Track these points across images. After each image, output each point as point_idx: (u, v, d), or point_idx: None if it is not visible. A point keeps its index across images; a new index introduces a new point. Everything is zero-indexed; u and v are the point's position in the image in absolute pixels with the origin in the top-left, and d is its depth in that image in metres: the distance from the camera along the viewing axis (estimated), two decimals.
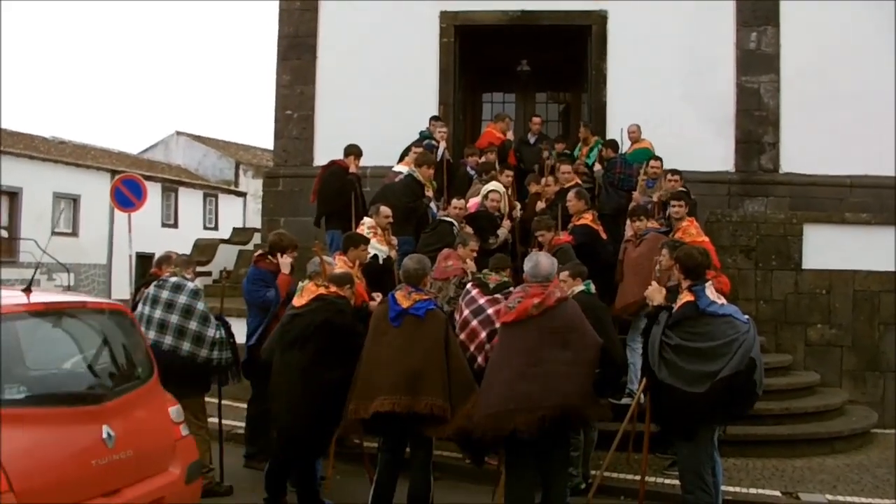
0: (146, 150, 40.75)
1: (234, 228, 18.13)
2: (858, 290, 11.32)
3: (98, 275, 31.91)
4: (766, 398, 8.12)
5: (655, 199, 10.48)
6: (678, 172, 10.57)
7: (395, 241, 9.02)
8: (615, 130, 12.74)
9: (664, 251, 7.50)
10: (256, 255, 8.33)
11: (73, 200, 31.33)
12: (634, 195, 10.77)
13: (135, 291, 8.38)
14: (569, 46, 14.84)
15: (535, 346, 5.68)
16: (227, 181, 39.87)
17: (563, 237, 9.08)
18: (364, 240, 8.28)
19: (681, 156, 11.56)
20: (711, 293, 6.01)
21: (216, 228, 36.06)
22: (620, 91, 13.74)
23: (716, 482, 6.12)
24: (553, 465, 5.85)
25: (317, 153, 14.17)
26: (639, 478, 7.08)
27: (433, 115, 12.69)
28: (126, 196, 14.71)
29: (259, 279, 8.00)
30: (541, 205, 10.68)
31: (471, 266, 8.24)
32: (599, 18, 14.00)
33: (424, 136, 11.86)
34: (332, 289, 6.70)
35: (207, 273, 14.25)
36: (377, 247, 8.61)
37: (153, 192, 29.35)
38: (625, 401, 8.27)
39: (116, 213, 26.80)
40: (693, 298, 5.93)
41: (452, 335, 6.41)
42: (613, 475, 7.80)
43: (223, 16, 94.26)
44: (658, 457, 8.15)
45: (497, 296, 7.09)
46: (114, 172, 29.97)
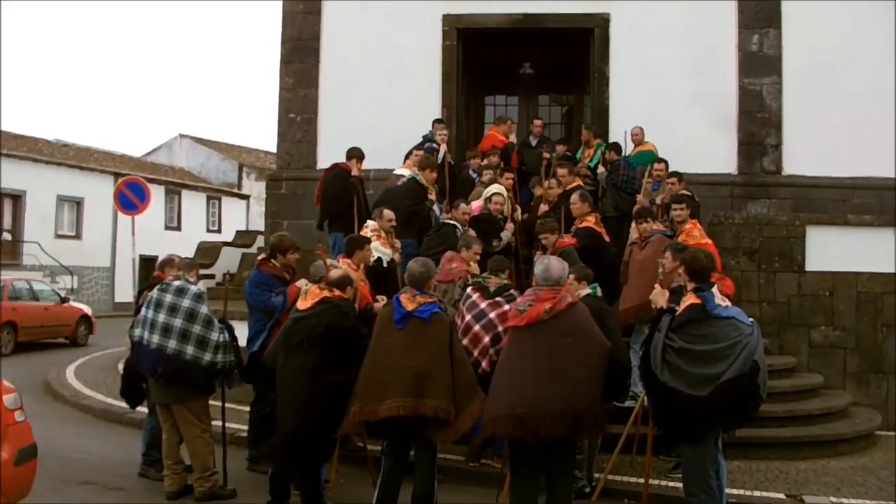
0: (149, 153, 40.86)
1: (237, 231, 18.18)
2: (862, 292, 11.30)
3: (101, 277, 31.98)
4: (770, 400, 8.10)
5: (659, 202, 10.48)
6: (677, 175, 10.58)
7: (399, 244, 9.02)
8: (618, 133, 12.75)
9: (667, 254, 7.50)
10: (259, 259, 8.31)
11: (77, 203, 31.41)
12: (639, 198, 10.78)
13: (138, 294, 8.38)
14: (571, 49, 14.86)
15: (546, 350, 5.67)
16: (231, 184, 39.94)
17: (567, 240, 9.07)
18: (366, 240, 8.29)
19: (683, 158, 11.57)
20: (717, 295, 6.01)
21: (219, 231, 36.14)
22: (623, 93, 13.77)
23: (719, 485, 6.10)
24: (558, 468, 5.84)
25: (320, 156, 14.21)
26: (642, 480, 7.08)
27: (436, 118, 12.71)
28: (129, 199, 14.75)
29: (262, 283, 7.98)
30: (543, 207, 10.69)
31: (475, 268, 8.24)
32: (602, 21, 14.02)
33: (427, 139, 11.88)
34: (336, 292, 6.71)
35: (211, 276, 14.27)
36: (380, 250, 8.62)
37: (156, 195, 29.38)
38: (628, 403, 8.26)
39: (120, 216, 26.92)
40: (698, 301, 5.92)
41: (457, 338, 6.42)
42: (617, 478, 7.78)
43: (226, 19, 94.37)
44: (662, 459, 8.15)
45: (498, 299, 7.10)
46: (117, 175, 30.08)
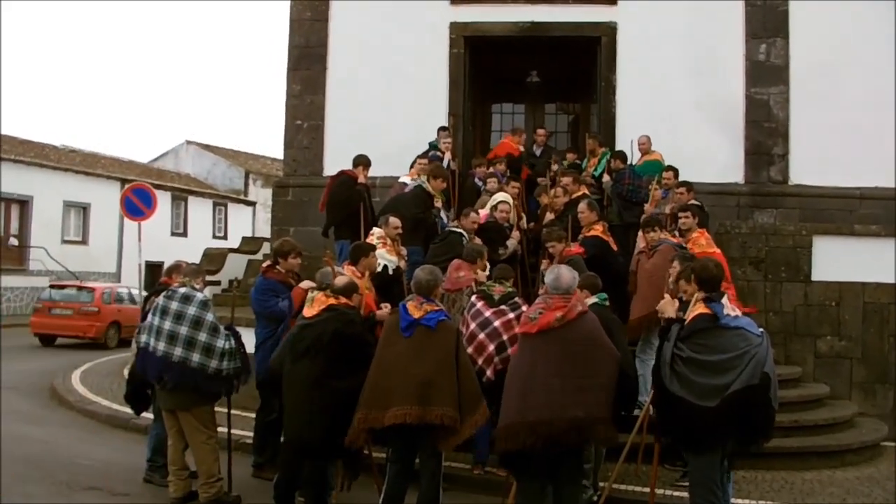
0: (156, 159, 40.98)
1: (244, 237, 18.16)
2: (868, 302, 11.28)
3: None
4: (776, 410, 8.09)
5: (667, 211, 10.47)
6: (687, 184, 10.58)
7: (405, 252, 9.03)
8: (624, 141, 12.76)
9: (675, 262, 7.49)
10: (265, 266, 8.32)
11: (83, 209, 31.48)
12: (646, 207, 10.77)
13: (144, 300, 8.40)
14: (578, 58, 14.87)
15: (557, 358, 5.68)
16: (237, 190, 40.02)
17: (574, 248, 9.07)
18: (371, 248, 8.30)
19: (690, 167, 11.57)
20: (727, 305, 5.99)
21: (225, 237, 36.19)
22: (629, 102, 13.78)
23: (725, 495, 6.09)
24: (566, 476, 5.83)
25: (326, 163, 14.23)
26: (647, 490, 7.07)
27: (441, 126, 12.72)
28: (136, 205, 14.76)
29: (269, 289, 7.99)
30: (549, 216, 10.69)
31: (482, 276, 8.24)
32: (609, 30, 14.03)
33: (433, 147, 11.89)
34: (342, 299, 6.71)
35: (217, 282, 14.28)
36: (386, 257, 8.62)
37: (163, 201, 29.43)
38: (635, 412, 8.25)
39: (126, 222, 26.91)
40: (707, 311, 5.91)
41: (463, 346, 6.41)
42: (622, 487, 7.78)
43: (234, 26, 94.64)
44: (667, 468, 8.13)
45: (503, 307, 7.10)
46: (124, 181, 30.15)
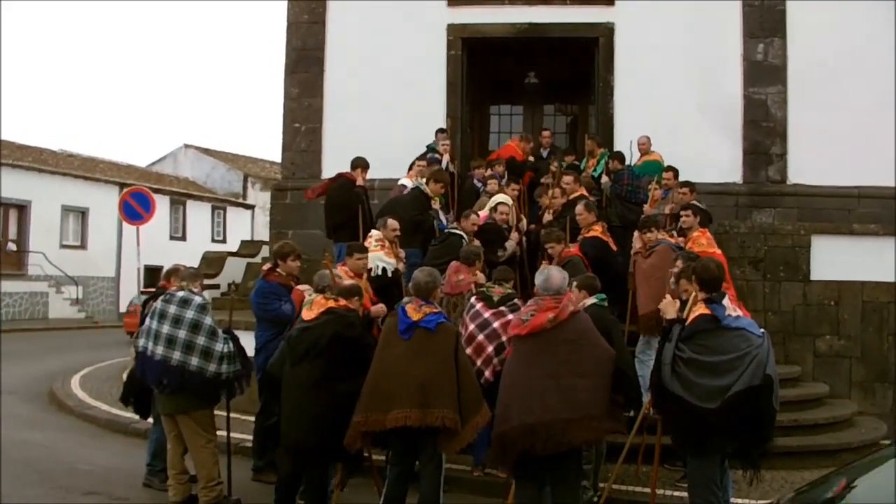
0: (154, 163, 40.98)
1: (243, 241, 18.16)
2: (867, 301, 11.27)
3: (106, 287, 32.04)
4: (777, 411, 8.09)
5: (667, 212, 10.47)
6: (689, 184, 10.58)
7: (403, 254, 9.02)
8: (623, 142, 12.76)
9: (678, 262, 7.48)
10: (266, 269, 8.31)
11: (82, 213, 31.52)
12: (645, 207, 10.76)
13: (143, 304, 8.39)
14: (576, 59, 14.86)
15: (551, 359, 5.68)
16: (236, 194, 40.02)
17: (573, 249, 9.07)
18: (358, 248, 8.31)
19: (688, 167, 11.55)
20: (728, 306, 5.99)
21: (224, 241, 36.20)
22: (628, 103, 13.77)
23: (725, 494, 6.09)
24: (565, 479, 5.83)
25: (324, 165, 14.20)
26: (647, 490, 7.06)
27: (439, 128, 12.71)
28: (134, 209, 14.78)
29: (270, 293, 7.98)
30: (548, 217, 10.69)
31: (481, 278, 8.24)
32: (607, 31, 14.02)
33: (431, 149, 11.89)
34: (342, 302, 6.71)
35: (216, 286, 14.26)
36: (385, 259, 8.61)
37: (161, 205, 29.42)
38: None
39: (125, 226, 26.97)
40: (707, 311, 5.90)
41: (462, 348, 6.41)
42: (622, 487, 7.76)
43: (231, 29, 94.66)
44: (667, 469, 8.12)
45: (502, 308, 7.10)
46: (122, 185, 30.15)
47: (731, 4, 13.86)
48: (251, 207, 40.06)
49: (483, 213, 10.12)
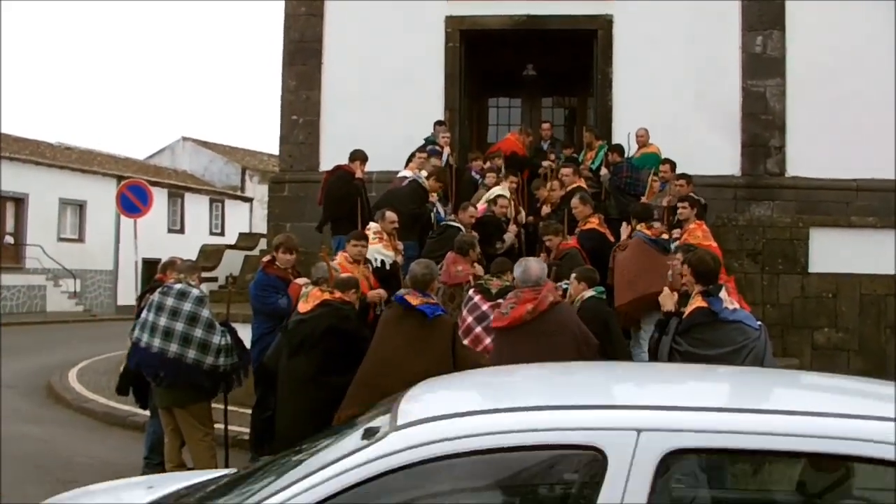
0: (152, 156, 40.89)
1: (240, 234, 18.16)
2: (865, 294, 11.26)
3: (104, 281, 32.00)
4: None
5: (665, 204, 10.45)
6: (686, 177, 10.55)
7: (401, 246, 9.00)
8: (621, 135, 12.72)
9: (678, 255, 7.46)
10: (265, 261, 8.31)
11: (80, 206, 31.45)
12: (643, 200, 10.73)
13: (139, 297, 8.36)
14: (575, 51, 14.82)
15: (531, 351, 5.63)
16: (234, 186, 39.95)
17: (571, 242, 9.05)
18: (356, 235, 8.34)
19: (687, 160, 11.52)
20: (726, 298, 5.97)
21: (222, 234, 36.14)
22: (626, 95, 13.73)
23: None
24: None
25: (322, 158, 14.16)
26: None
27: (437, 120, 12.67)
28: (132, 202, 14.71)
29: (269, 286, 7.98)
30: (546, 209, 10.67)
31: (479, 270, 8.22)
32: (605, 23, 13.98)
33: (429, 141, 11.86)
34: (338, 294, 6.69)
35: (214, 279, 14.25)
36: (383, 252, 8.59)
37: (159, 198, 29.35)
38: None
39: (122, 219, 26.91)
40: (704, 304, 5.88)
41: (460, 339, 6.39)
42: None
43: (229, 21, 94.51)
44: None
45: (500, 301, 7.08)
46: (120, 178, 30.08)
47: None
48: (249, 200, 40.01)
49: (481, 206, 10.11)
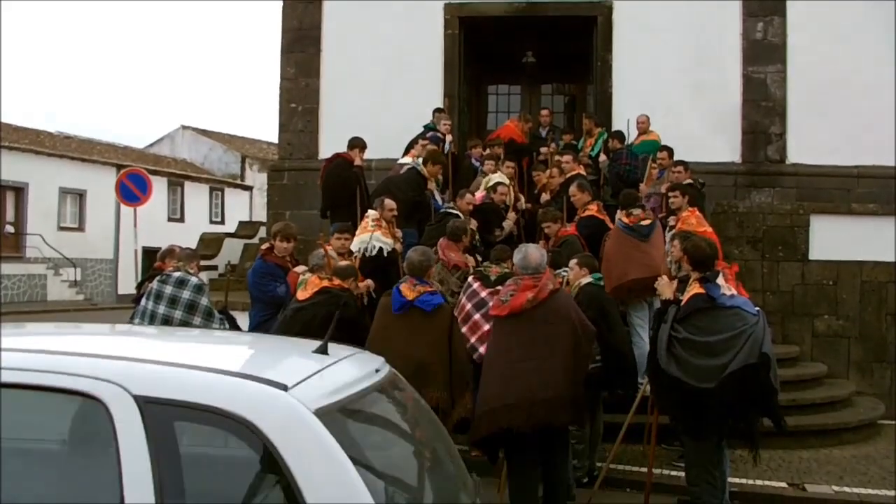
0: (152, 145, 40.88)
1: (240, 222, 18.15)
2: (865, 281, 11.25)
3: (104, 270, 32.01)
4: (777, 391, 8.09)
5: (663, 191, 10.43)
6: (683, 163, 10.53)
7: (400, 234, 8.98)
8: (621, 122, 12.68)
9: (675, 242, 7.46)
10: (264, 248, 8.31)
11: (79, 195, 31.45)
12: (641, 187, 10.73)
13: (138, 285, 8.35)
14: (574, 38, 14.74)
15: (532, 339, 5.64)
16: (234, 175, 39.93)
17: (570, 229, 9.04)
18: (340, 228, 8.43)
19: (687, 147, 11.49)
20: (723, 285, 5.96)
21: (223, 222, 36.15)
22: (626, 82, 13.68)
23: (722, 474, 6.09)
24: (553, 457, 5.83)
25: (322, 146, 14.13)
26: (644, 469, 7.06)
27: (437, 108, 12.64)
28: (131, 190, 14.69)
29: (267, 273, 7.98)
30: (545, 197, 10.65)
31: (471, 262, 8.23)
32: (605, 9, 13.91)
33: (429, 129, 11.82)
34: (336, 282, 6.69)
35: (213, 267, 14.23)
36: (382, 239, 8.56)
37: (159, 187, 29.38)
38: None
39: (122, 208, 26.92)
40: (702, 291, 5.87)
41: (457, 328, 6.39)
42: (619, 467, 7.78)
43: (228, 9, 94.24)
44: (665, 448, 8.12)
45: (499, 287, 7.07)
46: (119, 167, 30.04)
47: None
48: (249, 188, 40.00)
49: (479, 193, 10.09)
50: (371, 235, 8.30)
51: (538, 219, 9.36)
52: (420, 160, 10.42)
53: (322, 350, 3.08)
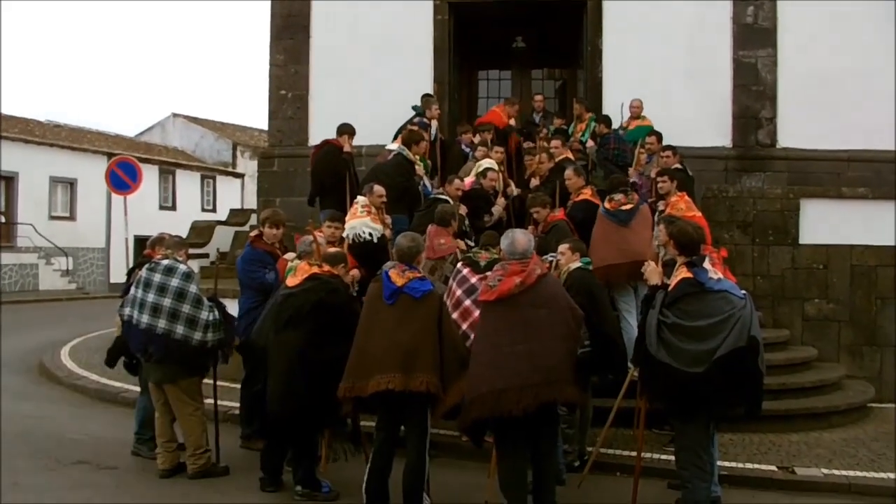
0: (143, 133, 40.72)
1: (231, 210, 18.11)
2: (856, 265, 11.26)
3: (96, 258, 31.94)
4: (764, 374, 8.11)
5: (653, 175, 10.43)
6: (671, 148, 10.54)
7: (389, 220, 8.97)
8: (611, 106, 12.70)
9: (661, 226, 7.47)
10: (253, 235, 8.30)
11: (70, 184, 31.34)
12: (630, 171, 10.75)
13: (128, 274, 8.33)
14: (564, 22, 14.74)
15: (520, 324, 5.63)
16: (225, 163, 39.81)
17: (559, 214, 9.04)
18: (331, 216, 8.42)
19: (677, 132, 11.53)
20: (709, 269, 5.96)
21: (214, 210, 36.08)
22: (616, 67, 13.68)
23: (711, 458, 6.10)
24: (543, 442, 5.83)
25: (311, 133, 14.12)
26: (634, 454, 7.08)
27: (425, 94, 12.60)
28: (121, 179, 14.68)
29: (256, 260, 7.98)
30: (535, 182, 10.64)
31: (462, 245, 8.21)
32: None
33: (418, 112, 11.79)
34: (326, 268, 6.68)
35: (205, 255, 14.20)
36: (371, 225, 8.56)
37: (150, 175, 29.33)
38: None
39: (114, 197, 26.81)
40: (689, 275, 5.88)
41: (447, 313, 6.38)
42: (609, 451, 7.81)
43: None
44: (654, 433, 8.15)
45: (489, 273, 7.07)
46: (110, 155, 29.92)
47: None
48: (241, 176, 39.87)
49: (469, 179, 10.08)
50: (360, 222, 8.29)
51: (527, 204, 9.36)
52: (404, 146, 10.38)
53: None
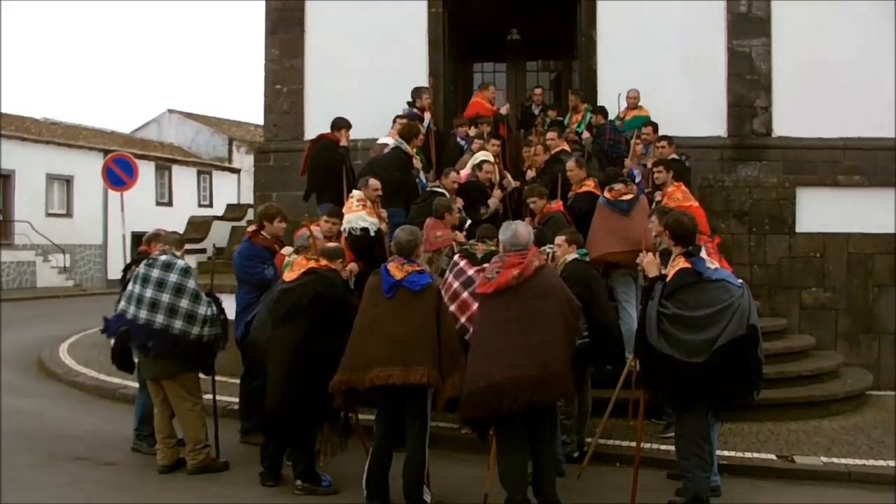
0: (138, 129, 40.66)
1: (228, 205, 18.08)
2: (852, 253, 11.28)
3: (93, 255, 31.92)
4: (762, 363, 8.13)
5: (649, 166, 10.44)
6: (667, 138, 10.53)
7: (385, 214, 8.97)
8: (606, 97, 12.69)
9: (654, 217, 7.47)
10: (250, 231, 8.27)
11: (67, 181, 31.32)
12: (626, 162, 10.74)
13: (125, 270, 8.34)
14: (559, 14, 14.71)
15: (517, 316, 5.65)
16: (221, 158, 39.76)
17: (555, 206, 9.05)
18: (329, 212, 8.31)
19: (673, 122, 11.51)
20: (706, 258, 5.97)
21: (211, 205, 36.05)
22: (611, 58, 13.64)
23: (711, 447, 6.12)
24: (542, 433, 5.85)
25: (307, 127, 14.08)
26: (633, 444, 7.09)
27: (416, 87, 12.55)
28: (118, 175, 14.67)
29: (254, 255, 7.95)
30: (531, 174, 10.64)
31: (460, 237, 8.22)
32: None
33: (410, 104, 11.78)
34: (323, 262, 6.69)
35: (202, 250, 14.19)
36: (367, 219, 8.56)
37: (147, 171, 29.28)
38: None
39: (110, 193, 26.80)
40: (687, 265, 5.88)
41: (445, 306, 6.39)
42: (609, 442, 7.82)
43: None
44: (654, 423, 8.17)
45: (486, 265, 7.08)
46: (106, 152, 29.83)
47: None
48: (237, 171, 39.83)
49: (465, 172, 10.07)
50: (356, 216, 8.29)
51: (524, 195, 9.37)
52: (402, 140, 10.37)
53: None
